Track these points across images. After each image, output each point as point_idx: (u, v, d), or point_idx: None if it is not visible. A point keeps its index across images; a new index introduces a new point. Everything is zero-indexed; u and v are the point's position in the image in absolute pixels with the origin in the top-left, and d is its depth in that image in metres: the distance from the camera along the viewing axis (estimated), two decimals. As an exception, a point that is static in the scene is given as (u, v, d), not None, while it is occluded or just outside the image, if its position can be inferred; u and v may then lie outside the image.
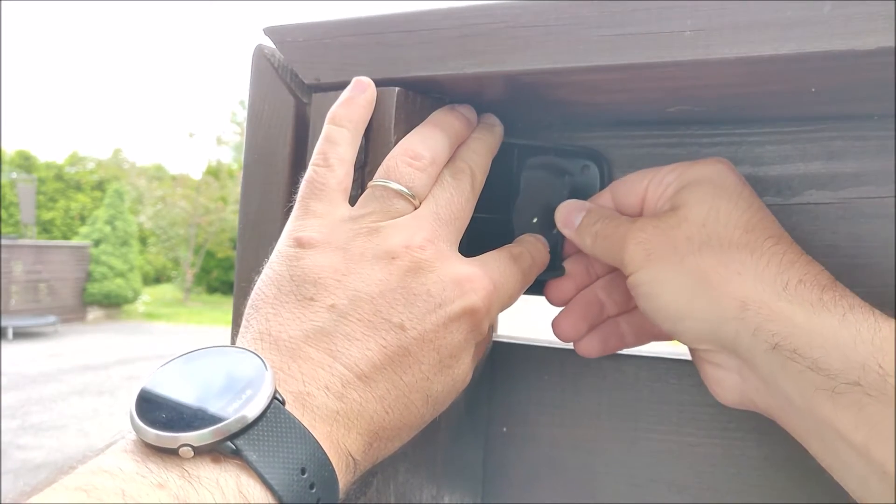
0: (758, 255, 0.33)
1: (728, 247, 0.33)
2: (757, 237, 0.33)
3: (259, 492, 0.25)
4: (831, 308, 0.30)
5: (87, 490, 0.23)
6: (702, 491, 0.43)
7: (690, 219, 0.35)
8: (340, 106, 0.36)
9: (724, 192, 0.35)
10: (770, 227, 0.34)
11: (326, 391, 0.29)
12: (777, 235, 0.34)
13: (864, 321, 0.29)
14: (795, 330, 0.30)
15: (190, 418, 0.25)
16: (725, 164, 0.37)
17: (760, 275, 0.32)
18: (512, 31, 0.33)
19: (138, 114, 54.33)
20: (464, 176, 0.37)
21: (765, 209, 0.35)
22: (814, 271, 0.32)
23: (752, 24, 0.29)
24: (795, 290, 0.31)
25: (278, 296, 0.32)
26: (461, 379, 0.34)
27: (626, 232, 0.37)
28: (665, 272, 0.35)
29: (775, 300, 0.31)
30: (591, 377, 0.47)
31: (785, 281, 0.31)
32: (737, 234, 0.33)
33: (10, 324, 9.01)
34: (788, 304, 0.31)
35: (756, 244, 0.33)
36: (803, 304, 0.30)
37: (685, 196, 0.36)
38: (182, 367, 0.28)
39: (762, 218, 0.34)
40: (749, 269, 0.32)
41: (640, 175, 0.39)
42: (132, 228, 12.74)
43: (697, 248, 0.34)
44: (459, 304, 0.33)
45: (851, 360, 0.28)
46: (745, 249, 0.33)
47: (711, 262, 0.33)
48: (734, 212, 0.34)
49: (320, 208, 0.34)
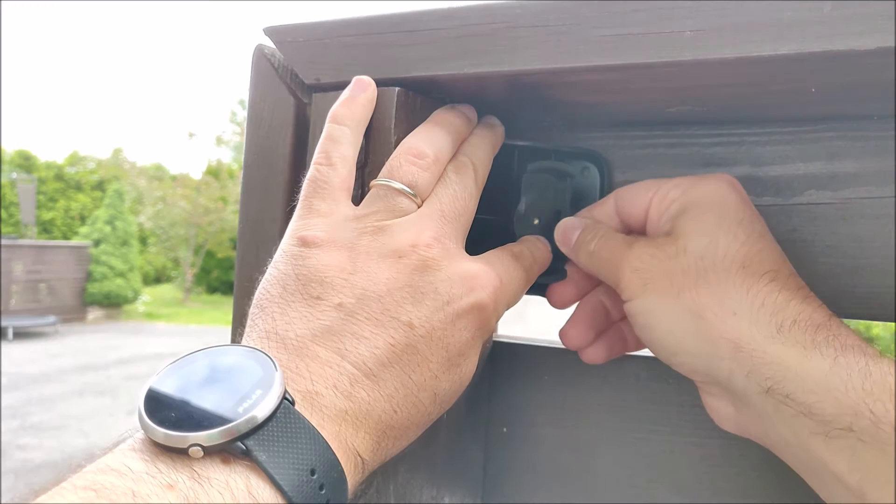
0: (753, 294, 0.32)
1: (724, 284, 0.33)
2: (754, 272, 0.33)
3: (269, 493, 0.25)
4: (824, 350, 0.30)
5: (95, 489, 0.23)
6: (702, 491, 0.43)
7: (689, 250, 0.34)
8: (341, 105, 0.36)
9: (725, 222, 0.34)
10: (768, 259, 0.34)
11: (335, 390, 0.29)
12: (775, 269, 0.33)
13: (856, 364, 0.29)
14: (788, 374, 0.30)
15: (199, 418, 0.25)
16: (728, 184, 0.36)
17: (755, 316, 0.32)
18: (512, 31, 0.33)
19: (138, 114, 54.34)
20: (467, 171, 0.37)
21: (765, 236, 0.35)
22: (809, 309, 0.31)
23: (752, 24, 0.29)
24: (790, 331, 0.31)
25: (284, 295, 0.32)
26: (467, 377, 0.34)
27: (622, 257, 0.36)
28: (661, 305, 0.34)
29: (769, 343, 0.31)
30: (592, 377, 0.47)
31: (780, 322, 0.31)
32: (734, 270, 0.33)
33: (10, 324, 9.01)
34: (782, 347, 0.30)
35: (753, 281, 0.33)
36: (796, 346, 0.30)
37: (686, 223, 0.35)
38: (191, 365, 0.28)
39: (761, 249, 0.34)
40: (744, 309, 0.32)
41: (645, 187, 0.39)
42: (132, 228, 12.75)
43: (694, 282, 0.33)
44: (467, 301, 0.33)
45: (843, 406, 0.28)
46: (741, 287, 0.32)
47: (707, 299, 0.33)
48: (733, 244, 0.34)
49: (324, 207, 0.34)
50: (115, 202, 12.61)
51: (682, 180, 0.37)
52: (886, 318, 0.38)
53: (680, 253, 0.34)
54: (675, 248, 0.35)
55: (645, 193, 0.38)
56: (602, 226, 0.40)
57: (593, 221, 0.40)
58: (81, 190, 18.41)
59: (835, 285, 0.39)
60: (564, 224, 0.41)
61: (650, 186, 0.38)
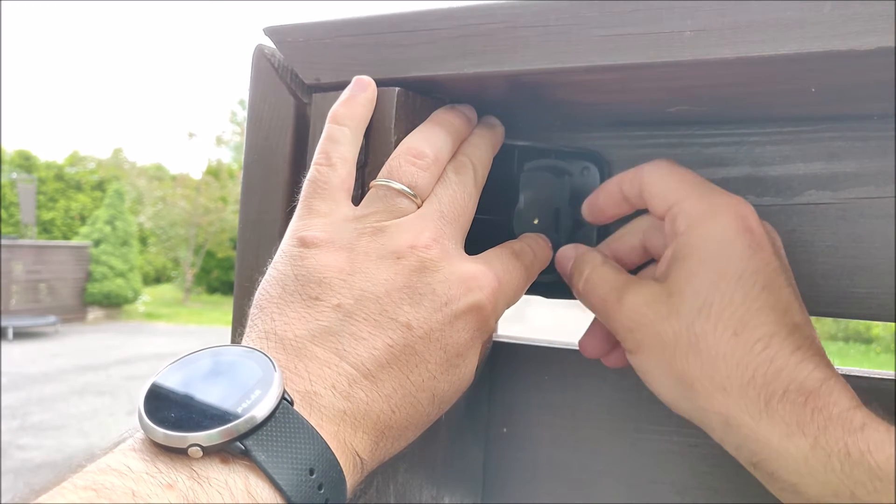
0: (744, 367, 0.32)
1: (715, 356, 0.32)
2: (747, 340, 0.32)
3: (268, 493, 0.25)
4: (807, 429, 0.30)
5: (96, 489, 0.23)
6: (702, 492, 0.43)
7: (681, 312, 0.33)
8: (341, 105, 0.36)
9: (723, 280, 0.33)
10: (765, 321, 0.32)
11: (333, 390, 0.29)
12: (770, 333, 0.32)
13: (835, 445, 0.29)
14: (772, 454, 0.31)
15: (199, 418, 0.25)
16: (738, 223, 0.34)
17: (744, 390, 0.31)
18: (512, 31, 0.33)
19: (138, 114, 54.36)
20: (466, 171, 0.37)
21: (768, 288, 0.33)
22: (802, 375, 0.31)
23: (752, 24, 0.29)
24: (779, 404, 0.31)
25: (283, 295, 0.32)
26: (467, 377, 0.34)
27: (614, 311, 0.36)
28: (654, 367, 0.35)
29: (756, 420, 0.31)
30: (592, 377, 0.47)
31: (769, 396, 0.31)
32: (725, 339, 0.32)
33: (10, 324, 9.01)
34: (768, 425, 0.31)
35: (744, 351, 0.32)
36: (781, 424, 0.30)
37: (681, 275, 0.34)
38: (190, 366, 0.28)
39: (759, 308, 0.32)
40: (734, 384, 0.32)
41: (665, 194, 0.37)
42: (132, 228, 12.76)
43: (685, 352, 0.33)
44: (465, 302, 0.33)
45: (825, 487, 0.29)
46: (731, 360, 0.32)
47: (697, 371, 0.33)
48: (727, 309, 0.32)
49: (324, 207, 0.34)
50: (115, 202, 12.62)
51: (696, 205, 0.35)
52: (886, 318, 0.38)
53: (672, 314, 0.34)
54: (668, 308, 0.34)
55: (663, 202, 0.37)
56: (590, 261, 0.39)
57: (585, 253, 0.40)
58: (81, 190, 18.42)
59: (835, 285, 0.39)
60: (560, 252, 0.41)
61: (670, 196, 0.36)
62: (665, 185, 0.37)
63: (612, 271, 0.38)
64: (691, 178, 0.37)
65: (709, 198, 0.35)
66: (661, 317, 0.34)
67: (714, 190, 0.36)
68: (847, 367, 0.40)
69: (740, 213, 0.34)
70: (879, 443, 0.29)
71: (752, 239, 0.34)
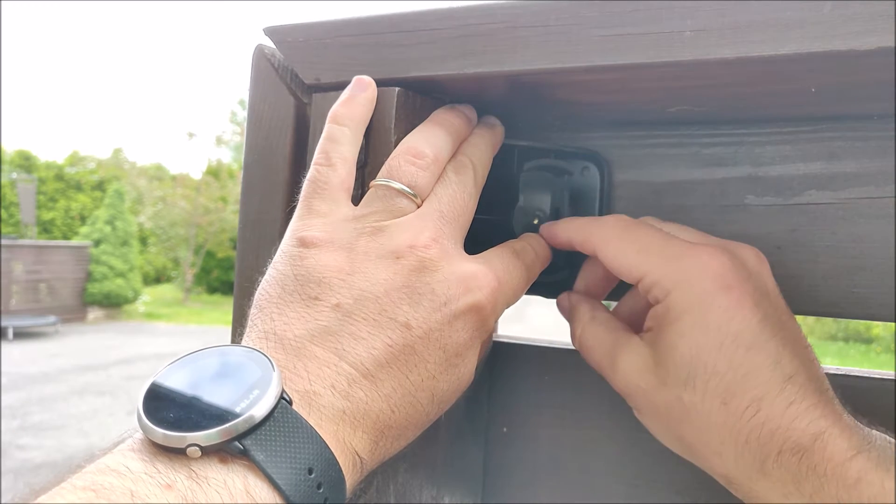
0: (736, 432, 0.31)
1: (706, 425, 0.32)
2: (737, 408, 0.31)
3: (267, 492, 0.25)
4: (802, 487, 0.30)
5: (95, 490, 0.23)
6: (702, 492, 0.43)
7: (669, 384, 0.33)
8: (341, 105, 0.36)
9: (704, 350, 0.32)
10: (753, 386, 0.31)
11: (332, 390, 0.29)
12: (759, 397, 0.31)
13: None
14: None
15: (197, 418, 0.25)
16: (710, 285, 0.33)
17: (740, 455, 0.32)
18: (512, 31, 0.33)
19: (138, 114, 54.36)
20: (466, 171, 0.37)
21: (754, 347, 0.32)
22: (796, 434, 0.31)
23: (752, 24, 0.29)
24: (773, 467, 0.31)
25: (283, 295, 0.32)
26: (466, 377, 0.34)
27: (611, 374, 0.36)
28: (655, 429, 0.36)
29: (754, 480, 0.32)
30: (592, 377, 0.46)
31: (764, 457, 0.31)
32: (715, 408, 0.32)
33: (10, 324, 9.01)
34: (765, 485, 0.31)
35: (735, 418, 0.31)
36: (777, 484, 0.31)
37: (665, 345, 0.33)
38: (189, 366, 0.28)
39: (745, 373, 0.32)
40: (728, 449, 0.32)
41: (631, 260, 0.35)
42: (132, 228, 12.76)
43: (678, 421, 0.33)
44: (464, 302, 0.33)
45: None
46: (723, 428, 0.32)
47: (692, 438, 0.33)
48: (712, 379, 0.32)
49: (323, 207, 0.34)
50: (115, 202, 12.62)
51: (666, 276, 0.34)
52: (886, 318, 0.38)
53: (661, 385, 0.33)
54: (656, 377, 0.34)
55: (629, 275, 0.36)
56: (580, 317, 0.39)
57: (576, 307, 0.40)
58: (81, 190, 18.42)
59: (835, 285, 0.39)
60: (558, 301, 0.42)
61: (635, 271, 0.35)
62: (626, 260, 0.35)
63: (603, 330, 0.38)
64: (649, 241, 0.35)
65: (677, 263, 0.34)
66: (652, 386, 0.34)
67: (680, 251, 0.34)
68: (847, 367, 0.40)
69: (713, 272, 0.33)
70: (873, 498, 0.29)
71: (730, 298, 0.32)
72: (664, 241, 0.35)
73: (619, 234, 0.36)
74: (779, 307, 0.34)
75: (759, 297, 0.33)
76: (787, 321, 0.33)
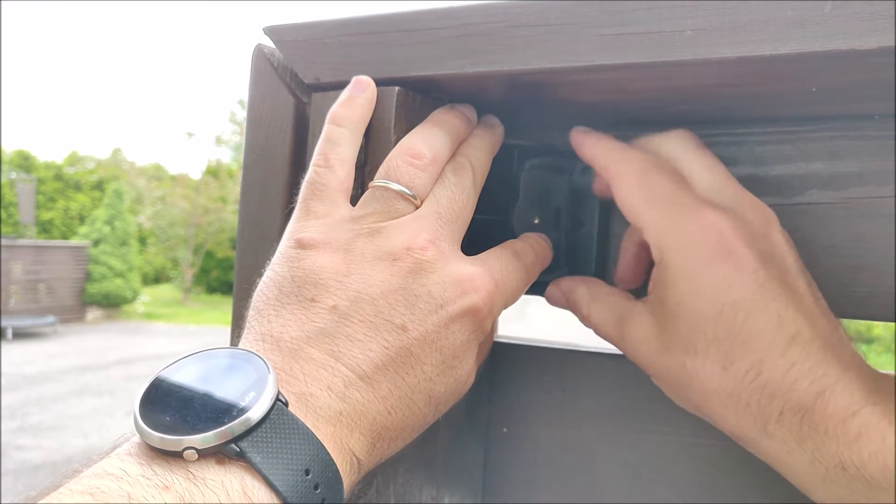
0: (737, 396, 0.32)
1: (709, 389, 0.33)
2: (737, 372, 0.32)
3: (264, 493, 0.25)
4: (805, 445, 0.31)
5: (92, 493, 0.23)
6: (702, 491, 0.43)
7: (672, 351, 0.34)
8: (340, 106, 0.36)
9: (704, 318, 0.32)
10: (753, 351, 0.32)
11: (329, 391, 0.29)
12: (759, 362, 0.31)
13: (831, 460, 0.30)
14: (780, 465, 0.33)
15: (194, 421, 0.25)
16: (710, 251, 0.33)
17: (742, 418, 0.32)
18: (512, 30, 0.33)
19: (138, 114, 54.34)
20: (465, 172, 0.37)
21: (754, 313, 0.32)
22: (795, 396, 0.31)
23: (752, 24, 0.29)
24: (775, 428, 0.32)
25: (279, 297, 0.32)
26: (464, 379, 0.34)
27: (620, 343, 0.37)
28: (667, 391, 0.37)
29: (760, 439, 0.33)
30: (592, 377, 0.47)
31: (765, 420, 0.32)
32: (716, 374, 0.32)
33: (9, 324, 9.01)
34: (769, 444, 0.32)
35: (736, 382, 0.32)
36: (780, 443, 0.32)
37: (666, 313, 0.34)
38: (184, 369, 0.28)
39: (745, 339, 0.32)
40: (730, 413, 0.33)
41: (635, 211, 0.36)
42: (131, 228, 12.76)
43: (684, 385, 0.34)
44: (461, 304, 0.32)
45: (829, 494, 0.31)
46: (724, 393, 0.32)
47: (698, 402, 0.34)
48: (712, 346, 0.32)
49: (321, 209, 0.34)
50: (114, 202, 12.61)
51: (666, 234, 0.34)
52: (886, 319, 0.38)
53: (664, 352, 0.34)
54: (660, 344, 0.34)
55: (634, 220, 0.36)
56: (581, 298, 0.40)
57: (573, 289, 0.40)
58: (80, 190, 18.42)
59: (835, 285, 0.39)
60: (547, 293, 0.42)
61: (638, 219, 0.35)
62: (633, 206, 0.35)
63: (606, 307, 0.38)
64: (661, 193, 0.35)
65: (678, 225, 0.34)
66: (657, 354, 0.35)
67: (684, 213, 0.34)
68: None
69: (712, 238, 0.33)
70: (874, 454, 0.29)
71: (728, 265, 0.32)
72: (674, 198, 0.35)
73: (636, 176, 0.36)
74: (784, 267, 0.33)
75: (762, 260, 0.33)
76: (793, 280, 0.33)
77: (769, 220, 0.35)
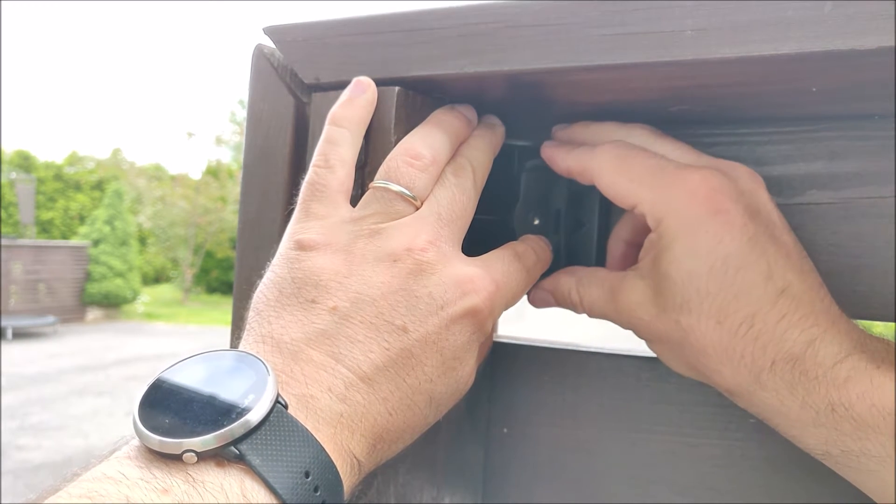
0: (731, 349, 0.33)
1: (705, 345, 0.34)
2: (730, 326, 0.33)
3: (263, 496, 0.25)
4: (795, 391, 0.32)
5: (91, 497, 0.23)
6: (703, 492, 0.43)
7: (667, 310, 0.35)
8: (341, 107, 0.36)
9: (696, 274, 0.33)
10: (745, 304, 0.32)
11: (329, 393, 0.29)
12: (751, 314, 0.32)
13: (821, 403, 0.31)
14: (772, 414, 0.33)
15: (193, 423, 0.25)
16: (699, 209, 0.33)
17: (736, 371, 0.33)
18: (512, 30, 0.33)
19: (138, 114, 54.32)
20: (465, 173, 0.37)
21: (744, 267, 0.33)
22: (787, 344, 0.32)
23: (752, 24, 0.29)
24: (767, 377, 0.33)
25: (280, 298, 0.32)
26: (465, 380, 0.34)
27: (614, 313, 0.38)
28: (664, 356, 0.38)
29: (754, 390, 0.33)
30: (592, 377, 0.47)
31: (758, 371, 0.33)
32: (711, 328, 0.33)
33: (9, 324, 9.00)
34: (762, 394, 0.33)
35: (730, 335, 0.33)
36: (774, 391, 0.33)
37: (660, 274, 0.35)
38: (183, 371, 0.28)
39: (737, 293, 0.32)
40: (726, 366, 0.33)
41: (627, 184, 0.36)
42: (131, 228, 12.75)
43: (680, 344, 0.35)
44: (461, 306, 0.32)
45: (818, 438, 0.32)
46: (720, 347, 0.33)
47: (693, 360, 0.35)
48: (705, 301, 0.33)
49: (321, 210, 0.34)
50: (114, 202, 12.60)
51: (657, 203, 0.35)
52: (887, 318, 0.38)
53: (660, 313, 0.35)
54: (655, 306, 0.35)
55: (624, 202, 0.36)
56: (569, 285, 0.40)
57: (560, 281, 0.41)
58: (80, 190, 18.41)
59: (836, 285, 0.39)
60: (531, 297, 0.42)
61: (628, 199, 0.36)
62: (620, 189, 0.36)
63: (595, 286, 0.39)
64: (642, 169, 0.35)
65: (667, 191, 0.34)
66: (653, 316, 0.35)
67: (669, 178, 0.35)
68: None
69: (702, 196, 0.33)
70: (861, 395, 0.30)
71: (718, 221, 0.33)
72: (656, 168, 0.36)
73: (614, 163, 0.37)
74: (771, 223, 0.34)
75: (750, 215, 0.34)
76: (780, 235, 0.34)
77: (755, 178, 0.36)
